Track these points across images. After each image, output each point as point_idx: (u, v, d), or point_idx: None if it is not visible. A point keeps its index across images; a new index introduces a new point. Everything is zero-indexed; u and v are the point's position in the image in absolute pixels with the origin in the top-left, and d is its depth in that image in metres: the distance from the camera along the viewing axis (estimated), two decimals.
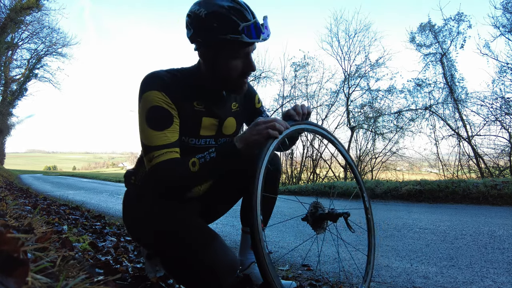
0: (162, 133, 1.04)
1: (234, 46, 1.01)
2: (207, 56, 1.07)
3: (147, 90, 1.06)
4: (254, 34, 0.99)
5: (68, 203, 4.67)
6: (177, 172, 1.02)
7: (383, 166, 11.98)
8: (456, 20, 10.32)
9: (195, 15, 1.00)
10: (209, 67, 1.09)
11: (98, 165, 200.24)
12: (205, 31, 1.00)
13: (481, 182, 5.08)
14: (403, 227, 3.06)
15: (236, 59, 1.05)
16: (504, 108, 9.43)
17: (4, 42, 16.82)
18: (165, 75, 1.10)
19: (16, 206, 1.86)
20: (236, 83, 1.11)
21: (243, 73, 1.09)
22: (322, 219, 1.21)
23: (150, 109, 1.04)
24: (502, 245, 2.27)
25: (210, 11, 0.97)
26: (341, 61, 12.91)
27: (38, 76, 21.65)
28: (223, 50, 1.03)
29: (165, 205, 1.13)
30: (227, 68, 1.06)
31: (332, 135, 1.38)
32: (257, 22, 0.99)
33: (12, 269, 0.40)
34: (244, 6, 1.00)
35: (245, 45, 1.02)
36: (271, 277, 0.91)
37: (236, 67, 1.06)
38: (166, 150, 1.02)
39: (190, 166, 1.00)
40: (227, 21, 0.97)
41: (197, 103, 1.14)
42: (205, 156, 1.02)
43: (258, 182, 0.96)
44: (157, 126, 1.04)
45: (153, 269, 1.37)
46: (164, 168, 1.02)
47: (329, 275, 1.73)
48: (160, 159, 1.02)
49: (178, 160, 1.03)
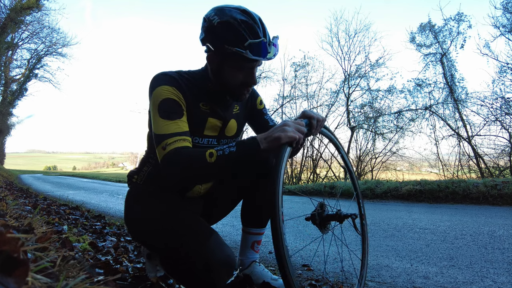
0: (174, 122, 1.05)
1: (239, 59, 1.04)
2: (213, 62, 1.10)
3: (158, 85, 1.09)
4: (259, 52, 1.02)
5: (68, 203, 4.67)
6: (194, 159, 0.99)
7: (383, 166, 11.99)
8: (456, 20, 10.35)
9: (209, 21, 1.04)
10: (214, 72, 1.13)
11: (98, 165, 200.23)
12: (215, 39, 1.04)
13: (481, 182, 5.09)
14: (403, 227, 3.06)
15: (239, 70, 1.08)
16: (504, 108, 9.45)
17: (4, 42, 16.83)
18: (174, 74, 1.14)
19: (16, 206, 1.86)
20: (236, 91, 1.14)
21: (244, 84, 1.12)
22: (328, 220, 1.21)
23: (162, 101, 1.06)
24: (502, 245, 2.27)
25: (223, 20, 1.01)
26: (341, 61, 12.96)
27: (38, 76, 21.70)
28: (228, 60, 1.06)
29: (165, 204, 1.14)
30: (229, 77, 1.10)
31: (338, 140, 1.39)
32: (264, 42, 1.02)
33: (12, 269, 0.40)
34: (258, 23, 1.03)
35: (249, 60, 1.04)
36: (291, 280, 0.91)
37: (238, 78, 1.10)
38: (179, 137, 1.03)
39: (207, 156, 0.98)
40: (236, 34, 1.00)
41: (203, 104, 1.16)
42: (224, 149, 0.99)
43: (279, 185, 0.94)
44: (169, 116, 1.05)
45: (154, 269, 1.37)
46: (181, 152, 1.00)
47: (329, 275, 1.73)
48: (175, 145, 1.00)
49: (193, 149, 1.03)
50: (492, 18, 9.45)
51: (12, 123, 22.61)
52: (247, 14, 1.03)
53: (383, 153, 11.98)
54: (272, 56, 1.05)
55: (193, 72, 1.19)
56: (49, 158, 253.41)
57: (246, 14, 1.03)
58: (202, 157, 0.97)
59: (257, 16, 1.05)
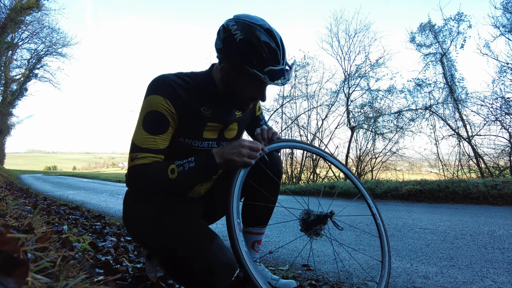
0: (153, 138, 1.06)
1: (255, 80, 1.05)
2: (227, 73, 1.09)
3: (153, 93, 1.08)
4: (276, 78, 1.03)
5: (68, 203, 4.67)
6: (155, 177, 1.05)
7: (383, 166, 11.98)
8: (456, 20, 10.33)
9: (230, 33, 1.00)
10: (224, 81, 1.12)
11: (98, 165, 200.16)
12: (234, 54, 1.02)
13: (481, 182, 5.08)
14: (403, 227, 3.06)
15: (252, 87, 1.09)
16: (504, 108, 9.43)
17: (4, 42, 16.83)
18: (174, 80, 1.11)
19: (16, 206, 1.86)
20: (242, 103, 1.16)
21: (253, 99, 1.14)
22: (313, 224, 1.25)
23: (150, 112, 1.07)
24: (502, 245, 2.27)
25: (246, 38, 0.98)
26: (341, 61, 12.93)
27: (38, 76, 21.69)
28: (244, 76, 1.06)
29: (165, 205, 1.13)
30: (241, 90, 1.11)
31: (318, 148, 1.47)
32: (283, 70, 1.03)
33: (12, 269, 0.40)
34: (280, 47, 1.03)
35: (265, 84, 1.08)
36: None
37: (249, 93, 1.12)
38: (150, 155, 1.06)
39: (169, 173, 1.04)
40: (258, 56, 0.99)
41: (205, 108, 1.15)
42: (184, 164, 1.06)
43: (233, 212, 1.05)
44: (150, 129, 1.06)
45: (154, 269, 1.37)
46: (141, 170, 1.05)
47: (329, 275, 1.73)
48: (142, 161, 1.05)
49: (157, 166, 1.06)
50: (492, 18, 9.44)
51: (12, 123, 22.64)
52: (271, 35, 1.01)
53: (383, 153, 11.97)
54: (287, 82, 1.06)
55: (195, 75, 1.17)
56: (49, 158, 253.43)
57: (270, 35, 1.01)
58: (164, 174, 1.04)
59: (279, 37, 1.03)
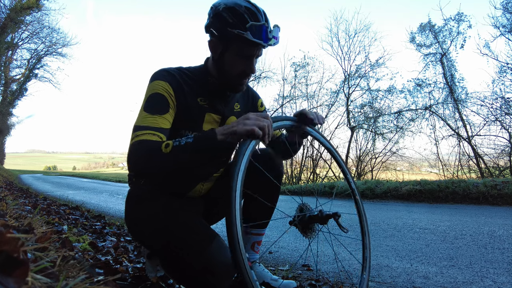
0: (153, 117, 1.06)
1: (240, 43, 1.07)
2: (215, 48, 1.13)
3: (155, 80, 1.13)
4: (260, 36, 1.05)
5: (68, 203, 4.67)
6: (151, 150, 0.98)
7: (383, 166, 11.98)
8: (456, 20, 10.33)
9: (215, 7, 1.09)
10: (215, 60, 1.16)
11: (98, 165, 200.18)
12: (218, 23, 1.08)
13: (481, 182, 5.08)
14: (403, 227, 3.06)
15: (240, 57, 1.11)
16: (504, 108, 9.43)
17: (4, 42, 16.82)
18: (173, 70, 1.18)
19: (16, 206, 1.87)
20: (235, 80, 1.16)
21: (243, 72, 1.14)
22: (311, 222, 1.16)
23: (151, 95, 1.10)
24: (502, 245, 2.27)
25: (228, 6, 1.06)
26: (341, 61, 12.95)
27: (38, 76, 21.67)
28: (230, 44, 1.09)
29: (166, 204, 1.13)
30: (230, 64, 1.12)
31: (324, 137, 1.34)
32: (265, 26, 1.05)
33: (12, 269, 0.40)
34: (260, 11, 1.08)
35: (250, 43, 1.06)
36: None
37: (237, 67, 1.12)
38: (149, 131, 1.02)
39: (163, 147, 0.97)
40: (239, 17, 1.05)
41: (201, 99, 1.19)
42: (181, 140, 0.99)
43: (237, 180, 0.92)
44: (151, 110, 1.07)
45: (154, 269, 1.37)
46: (136, 145, 1.00)
47: (329, 275, 1.73)
48: (141, 137, 1.01)
49: (153, 141, 1.01)
50: (492, 18, 9.43)
51: (12, 123, 22.60)
52: (252, 4, 1.09)
53: (383, 153, 11.97)
54: (272, 43, 1.08)
55: (193, 68, 1.23)
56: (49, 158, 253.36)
57: (251, 3, 1.08)
58: (158, 148, 0.97)
59: (261, 8, 1.09)
